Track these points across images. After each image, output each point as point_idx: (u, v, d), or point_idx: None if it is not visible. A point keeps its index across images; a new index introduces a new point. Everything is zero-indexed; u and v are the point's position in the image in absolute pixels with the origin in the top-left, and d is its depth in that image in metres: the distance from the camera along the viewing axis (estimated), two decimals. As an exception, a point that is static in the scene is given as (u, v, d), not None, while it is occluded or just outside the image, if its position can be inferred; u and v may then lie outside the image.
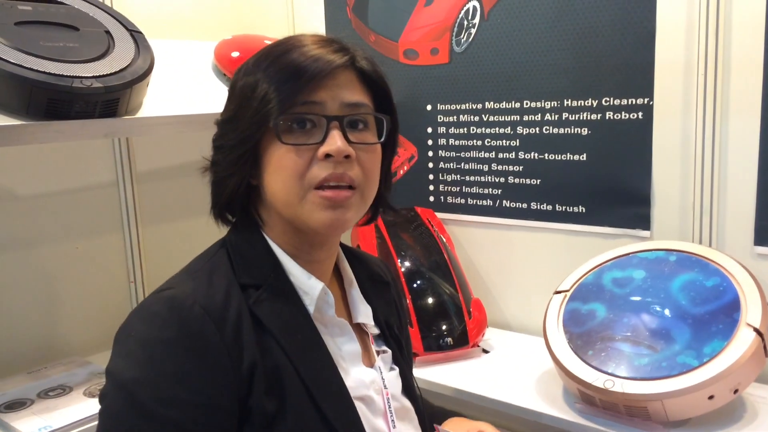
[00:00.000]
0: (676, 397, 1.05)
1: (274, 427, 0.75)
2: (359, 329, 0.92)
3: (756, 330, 1.07)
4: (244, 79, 0.82)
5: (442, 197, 1.71)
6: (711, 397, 1.06)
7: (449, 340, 1.44)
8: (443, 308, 1.47)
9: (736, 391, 1.07)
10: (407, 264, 1.54)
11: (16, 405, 1.24)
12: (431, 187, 1.72)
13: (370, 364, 0.90)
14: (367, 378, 0.87)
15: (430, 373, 1.39)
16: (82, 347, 1.50)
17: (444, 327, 1.45)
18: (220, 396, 0.73)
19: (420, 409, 0.94)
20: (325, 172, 0.79)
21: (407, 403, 0.93)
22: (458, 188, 1.67)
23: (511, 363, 1.42)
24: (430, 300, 1.48)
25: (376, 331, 0.95)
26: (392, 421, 0.86)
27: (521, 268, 1.59)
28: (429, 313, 1.46)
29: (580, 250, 1.47)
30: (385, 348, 0.94)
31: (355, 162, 0.81)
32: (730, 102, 1.25)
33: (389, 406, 0.87)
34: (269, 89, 0.78)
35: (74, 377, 1.35)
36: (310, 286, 0.84)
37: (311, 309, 0.83)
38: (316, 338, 0.82)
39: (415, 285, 1.50)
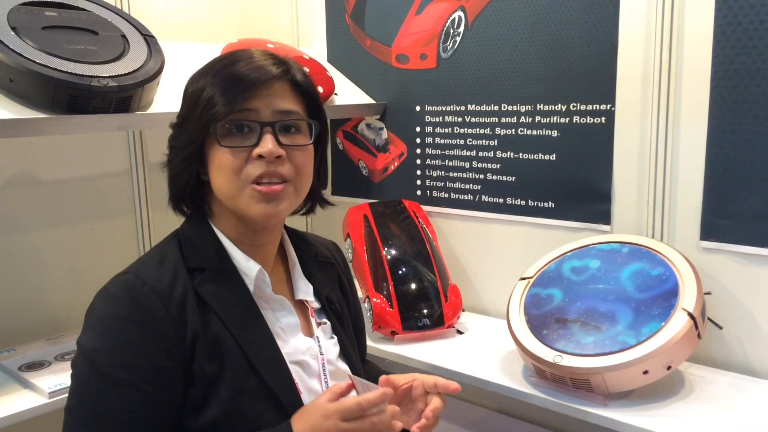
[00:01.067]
0: (614, 371, 1.19)
1: (215, 388, 0.90)
2: (301, 304, 1.05)
3: (689, 314, 1.20)
4: (192, 86, 0.96)
5: (428, 191, 1.85)
6: (646, 372, 1.19)
7: (426, 321, 1.58)
8: (423, 292, 1.61)
9: (669, 368, 1.20)
10: (393, 252, 1.68)
11: (36, 365, 1.39)
12: (418, 182, 1.86)
13: (310, 334, 1.03)
14: (304, 345, 1.00)
15: (409, 350, 1.52)
16: (95, 319, 1.65)
17: (422, 309, 1.59)
18: (167, 361, 0.88)
19: (356, 371, 1.07)
20: (259, 170, 0.92)
21: (344, 366, 1.06)
22: (443, 183, 1.81)
23: (482, 343, 1.55)
24: (412, 285, 1.62)
25: (317, 305, 1.08)
26: (326, 382, 1.00)
27: (498, 257, 1.73)
28: (410, 296, 1.60)
29: (549, 242, 1.60)
30: (325, 320, 1.08)
31: (287, 161, 0.93)
32: (681, 109, 1.37)
33: (324, 370, 1.01)
34: (212, 96, 0.91)
35: (87, 344, 1.50)
36: (249, 268, 0.97)
37: (251, 288, 0.97)
38: (254, 312, 0.96)
39: (399, 271, 1.64)
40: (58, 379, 1.32)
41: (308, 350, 1.01)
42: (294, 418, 0.91)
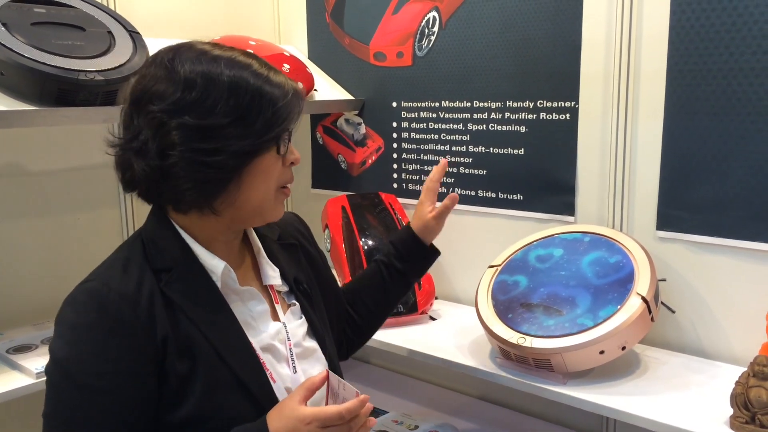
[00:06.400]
0: (572, 351, 1.27)
1: (189, 385, 0.93)
2: (270, 288, 1.08)
3: (643, 298, 1.28)
4: (245, 88, 0.91)
5: (404, 184, 1.92)
6: (602, 352, 1.27)
7: (401, 307, 1.65)
8: (397, 281, 1.68)
9: (623, 348, 1.28)
10: (369, 242, 1.75)
11: (23, 349, 1.45)
12: (395, 175, 1.93)
13: (278, 318, 1.06)
14: (273, 330, 1.03)
15: (384, 335, 1.59)
16: (81, 305, 1.70)
17: (397, 296, 1.66)
18: (138, 364, 0.89)
19: (326, 348, 1.10)
20: (289, 175, 1.00)
21: (312, 344, 1.09)
22: (418, 177, 1.88)
23: (452, 328, 1.63)
24: (387, 273, 1.69)
25: (284, 288, 1.10)
26: (294, 366, 1.03)
27: (469, 247, 1.81)
28: (385, 284, 1.67)
29: (518, 232, 1.67)
30: (294, 302, 1.10)
31: None
32: (639, 107, 1.45)
33: (291, 354, 1.04)
34: (280, 108, 0.93)
35: (73, 328, 1.56)
36: (214, 265, 0.98)
37: (219, 283, 0.98)
38: (222, 308, 0.97)
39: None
40: (44, 361, 1.35)
41: (277, 334, 1.03)
42: (270, 415, 0.93)
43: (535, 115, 1.62)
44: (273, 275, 1.08)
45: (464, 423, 1.74)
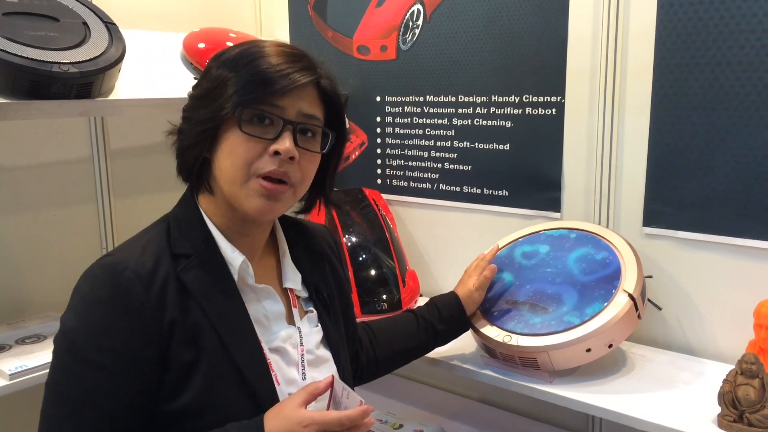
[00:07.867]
0: (559, 349, 1.25)
1: (191, 375, 0.91)
2: (289, 292, 1.07)
3: (630, 295, 1.27)
4: (223, 68, 0.95)
5: (388, 180, 1.89)
6: (588, 350, 1.25)
7: (384, 305, 1.63)
8: (381, 278, 1.66)
9: (610, 346, 1.27)
10: (353, 239, 1.72)
11: (-3, 349, 1.41)
12: (378, 171, 1.91)
13: (293, 322, 1.05)
14: (285, 333, 1.02)
15: (367, 334, 1.57)
16: (57, 304, 1.66)
17: (381, 293, 1.64)
18: (142, 346, 0.89)
19: (339, 360, 1.08)
20: (271, 166, 0.92)
21: (325, 353, 1.07)
22: (402, 172, 1.86)
23: (437, 326, 1.61)
24: (371, 271, 1.67)
25: (304, 294, 1.09)
26: (303, 372, 1.02)
27: (455, 244, 1.79)
28: (369, 281, 1.65)
29: (503, 228, 1.66)
30: (311, 309, 1.09)
31: (297, 164, 0.95)
32: (626, 102, 1.44)
33: (303, 360, 1.02)
34: (245, 83, 0.92)
35: (48, 328, 1.52)
36: (233, 258, 0.98)
37: (236, 276, 0.98)
38: (235, 301, 0.97)
39: (359, 258, 1.69)
40: (19, 362, 1.34)
41: (289, 338, 1.02)
42: (268, 414, 0.91)
43: (520, 110, 1.60)
44: (294, 278, 1.07)
45: (449, 422, 1.72)
